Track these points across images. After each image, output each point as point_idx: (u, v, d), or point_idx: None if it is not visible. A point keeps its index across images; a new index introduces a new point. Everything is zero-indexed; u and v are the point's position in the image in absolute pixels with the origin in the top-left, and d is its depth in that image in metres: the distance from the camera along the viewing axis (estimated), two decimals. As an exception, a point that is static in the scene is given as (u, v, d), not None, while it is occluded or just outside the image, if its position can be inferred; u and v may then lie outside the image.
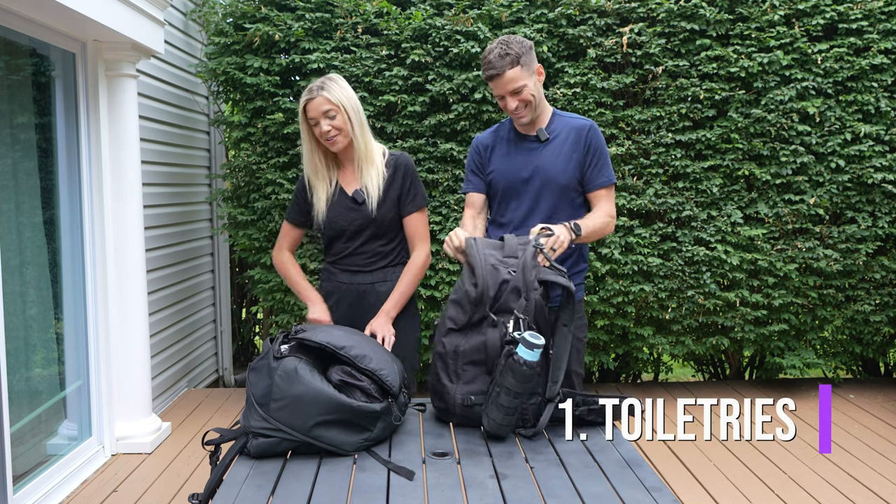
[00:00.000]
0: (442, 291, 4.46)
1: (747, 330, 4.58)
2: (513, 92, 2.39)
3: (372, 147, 2.52)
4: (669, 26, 4.44)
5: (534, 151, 2.50)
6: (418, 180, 2.59)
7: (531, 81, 2.40)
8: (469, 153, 2.63)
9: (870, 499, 3.25)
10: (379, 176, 2.50)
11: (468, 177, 2.62)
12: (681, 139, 4.47)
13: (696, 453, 3.75)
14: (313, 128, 2.46)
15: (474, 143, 2.62)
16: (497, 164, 2.55)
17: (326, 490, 1.64)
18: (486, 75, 2.40)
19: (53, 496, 3.23)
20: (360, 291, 2.56)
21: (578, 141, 2.48)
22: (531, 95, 2.40)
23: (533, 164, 2.49)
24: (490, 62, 2.37)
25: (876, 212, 4.54)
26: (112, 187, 3.73)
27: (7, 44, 3.21)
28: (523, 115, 2.44)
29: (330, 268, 2.63)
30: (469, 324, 1.98)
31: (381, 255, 2.56)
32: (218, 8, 4.60)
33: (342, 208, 2.51)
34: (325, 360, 1.96)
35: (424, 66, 4.42)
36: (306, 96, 2.44)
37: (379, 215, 2.50)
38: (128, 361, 3.81)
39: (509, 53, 2.35)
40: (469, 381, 1.98)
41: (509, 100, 2.41)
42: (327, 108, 2.41)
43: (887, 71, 4.45)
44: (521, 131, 2.54)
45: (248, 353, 6.18)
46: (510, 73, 2.36)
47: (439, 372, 2.02)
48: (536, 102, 2.44)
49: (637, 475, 1.72)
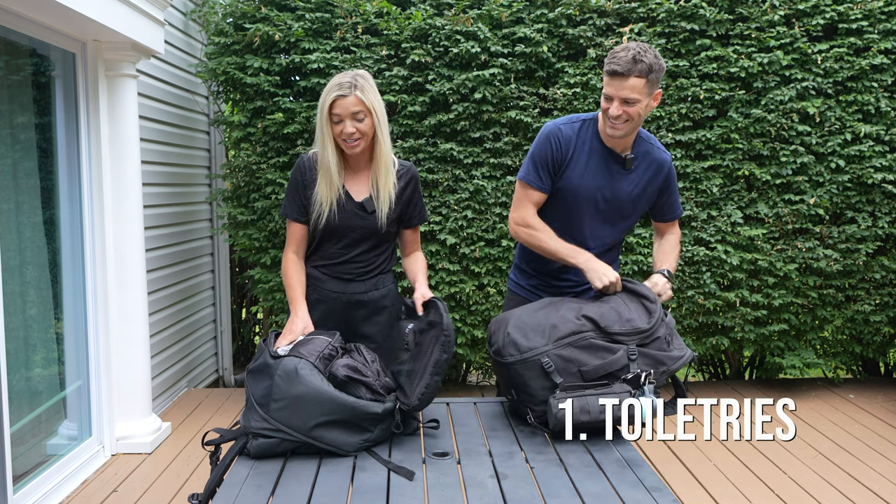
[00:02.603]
0: (442, 291, 4.46)
1: (747, 330, 4.58)
2: (625, 100, 2.20)
3: (391, 156, 2.34)
4: (669, 26, 4.44)
5: (615, 175, 2.36)
6: (422, 193, 2.47)
7: (646, 101, 2.23)
8: (543, 143, 2.36)
9: (870, 499, 3.25)
10: (392, 186, 2.33)
11: (536, 170, 2.37)
12: (681, 139, 4.47)
13: (696, 453, 3.75)
14: (335, 125, 2.23)
15: (552, 134, 2.36)
16: (574, 176, 2.36)
17: (326, 490, 1.64)
18: (608, 69, 2.20)
19: (53, 496, 3.23)
20: (353, 301, 2.40)
21: (657, 177, 2.40)
22: (638, 114, 2.23)
23: (611, 190, 2.37)
24: (619, 59, 2.18)
25: (876, 212, 4.54)
26: (112, 187, 3.73)
27: (7, 44, 3.21)
28: (620, 128, 2.25)
29: (317, 273, 2.40)
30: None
31: (376, 265, 2.43)
32: (218, 8, 4.60)
33: (348, 214, 2.32)
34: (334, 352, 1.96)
35: (424, 66, 4.42)
36: (337, 92, 2.20)
37: (386, 228, 2.35)
38: (128, 361, 3.81)
39: (644, 61, 2.17)
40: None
41: (616, 105, 2.21)
42: (358, 110, 2.20)
43: (887, 71, 4.45)
44: (607, 143, 2.35)
45: (248, 353, 6.18)
46: (634, 81, 2.18)
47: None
48: (637, 123, 2.27)
49: (637, 475, 1.72)
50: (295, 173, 2.35)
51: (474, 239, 4.46)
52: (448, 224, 4.43)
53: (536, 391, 2.04)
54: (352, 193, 2.33)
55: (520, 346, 2.07)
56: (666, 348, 2.08)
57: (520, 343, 2.07)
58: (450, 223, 4.43)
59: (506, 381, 2.16)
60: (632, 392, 1.95)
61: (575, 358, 2.03)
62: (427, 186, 4.48)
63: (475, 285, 4.50)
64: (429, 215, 2.51)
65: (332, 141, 2.25)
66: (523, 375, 2.05)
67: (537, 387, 2.04)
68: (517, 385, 2.09)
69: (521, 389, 2.08)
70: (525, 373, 2.05)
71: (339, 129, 2.23)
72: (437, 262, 4.46)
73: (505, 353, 2.09)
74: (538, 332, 2.08)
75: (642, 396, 1.94)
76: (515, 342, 2.08)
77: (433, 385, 1.97)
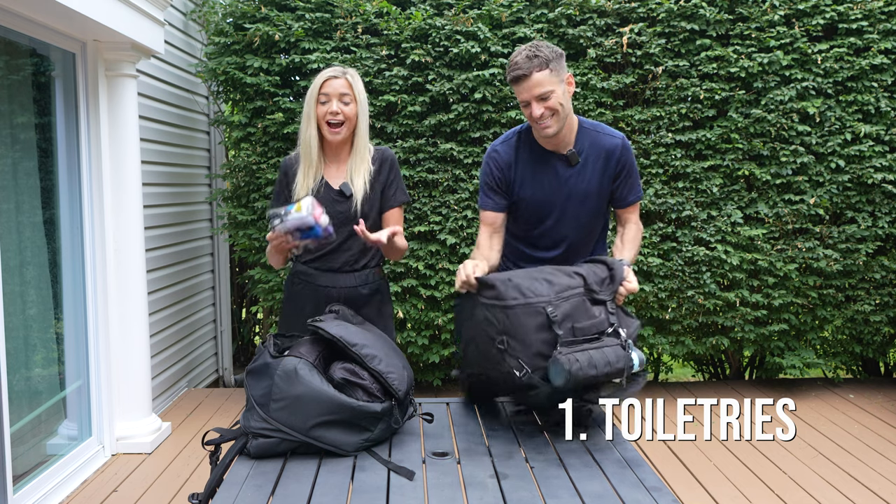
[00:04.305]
0: (442, 291, 4.46)
1: (747, 330, 4.58)
2: (539, 97, 2.20)
3: (367, 146, 2.45)
4: (669, 26, 4.44)
5: (563, 174, 2.36)
6: (401, 176, 2.52)
7: (560, 89, 2.22)
8: (485, 167, 2.43)
9: (870, 499, 3.25)
10: (367, 172, 2.42)
11: (486, 193, 2.42)
12: (681, 139, 4.47)
13: (696, 453, 3.75)
14: (320, 105, 2.36)
15: (491, 157, 2.41)
16: (525, 187, 2.38)
17: (326, 490, 1.64)
18: (511, 77, 2.23)
19: (53, 496, 3.23)
20: (343, 296, 2.43)
21: (608, 164, 2.36)
22: (559, 104, 2.21)
23: (565, 190, 2.35)
24: (517, 63, 2.20)
25: (876, 212, 4.54)
26: (112, 187, 3.73)
27: (7, 44, 3.21)
28: (549, 125, 2.24)
29: (306, 269, 2.47)
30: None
31: (363, 253, 2.45)
32: (218, 8, 4.60)
33: (327, 201, 2.37)
34: (332, 353, 1.96)
35: (424, 66, 4.42)
36: (329, 73, 2.36)
37: (364, 209, 2.41)
38: (128, 361, 3.81)
39: (538, 56, 2.18)
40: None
41: (535, 106, 2.21)
42: (345, 93, 2.35)
43: (887, 71, 4.45)
44: (545, 146, 2.35)
45: (248, 353, 6.18)
46: (538, 76, 2.18)
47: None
48: (564, 113, 2.25)
49: (637, 475, 1.72)
50: (279, 174, 2.50)
51: (474, 239, 4.46)
52: (448, 224, 4.43)
53: (533, 342, 1.90)
54: (331, 183, 2.44)
55: (523, 291, 1.93)
56: (627, 311, 2.09)
57: (524, 287, 1.94)
58: (450, 223, 4.43)
59: (495, 329, 1.94)
60: (623, 345, 1.94)
61: (571, 313, 1.95)
62: (427, 186, 4.48)
63: (475, 285, 4.49)
64: (426, 211, 2.53)
65: (315, 123, 2.39)
66: (524, 324, 1.90)
67: (536, 339, 1.90)
68: (512, 332, 1.91)
69: (517, 337, 1.90)
70: (527, 321, 1.90)
71: (324, 110, 2.36)
72: (437, 262, 4.46)
73: (507, 296, 1.93)
74: (539, 283, 1.98)
75: (631, 350, 1.94)
76: (519, 286, 1.94)
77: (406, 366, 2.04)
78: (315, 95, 2.36)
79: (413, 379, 2.05)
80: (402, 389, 1.93)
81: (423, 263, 4.46)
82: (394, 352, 2.04)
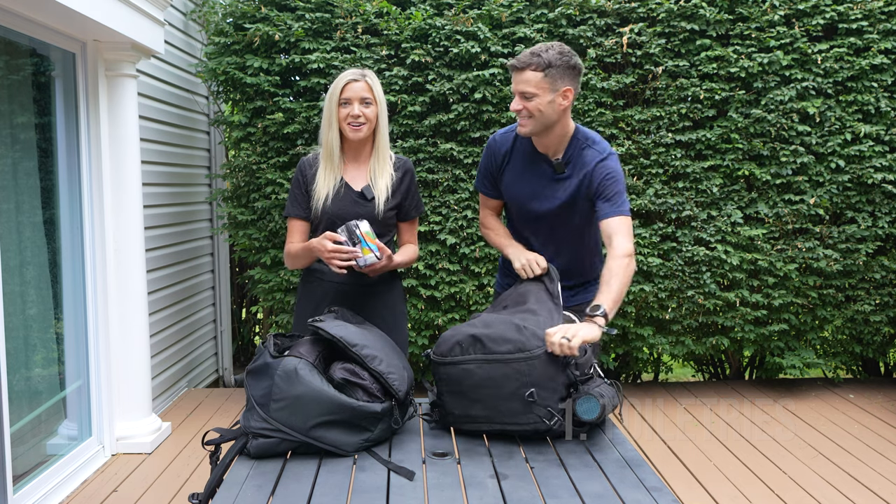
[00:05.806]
0: (442, 291, 4.46)
1: (747, 330, 4.58)
2: (522, 94, 2.23)
3: (388, 149, 2.48)
4: (669, 26, 4.45)
5: (549, 178, 2.37)
6: (418, 188, 2.58)
7: (547, 96, 2.20)
8: (483, 153, 2.49)
9: (870, 499, 3.25)
10: (389, 177, 2.46)
11: (485, 177, 2.50)
12: (681, 139, 4.47)
13: (696, 453, 3.75)
14: (342, 108, 2.39)
15: (489, 144, 2.47)
16: (508, 182, 2.43)
17: (326, 490, 1.64)
18: (509, 64, 2.27)
19: (53, 496, 3.23)
20: (361, 293, 2.46)
21: (585, 180, 2.31)
22: (538, 110, 2.21)
23: (543, 196, 2.37)
24: (521, 54, 2.23)
25: (876, 212, 4.54)
26: (112, 187, 3.73)
27: (7, 44, 3.21)
28: (524, 123, 2.27)
29: (321, 267, 2.47)
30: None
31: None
32: (218, 8, 4.60)
33: (347, 202, 2.42)
34: (332, 353, 1.96)
35: (424, 66, 4.42)
36: (350, 77, 2.39)
37: (384, 215, 2.44)
38: (128, 361, 3.81)
39: (541, 56, 2.19)
40: None
41: (516, 100, 2.25)
42: (367, 96, 2.38)
43: (887, 71, 4.45)
44: (539, 147, 2.37)
45: (248, 353, 6.18)
46: (529, 74, 2.20)
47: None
48: (543, 121, 2.24)
49: (637, 475, 1.72)
50: (296, 174, 2.50)
51: (474, 239, 4.46)
52: (448, 224, 4.43)
53: (558, 386, 1.86)
54: (351, 185, 2.46)
55: (540, 336, 1.88)
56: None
57: (539, 333, 1.89)
58: (450, 223, 4.43)
59: (519, 383, 1.86)
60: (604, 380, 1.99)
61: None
62: (427, 186, 4.48)
63: (475, 285, 4.50)
64: (425, 211, 2.57)
65: (337, 124, 2.41)
66: (548, 372, 1.86)
67: (561, 382, 1.86)
68: (541, 382, 1.85)
69: (545, 386, 1.85)
70: (552, 366, 1.86)
71: (345, 113, 2.39)
72: (438, 262, 4.46)
73: (530, 345, 1.87)
74: (539, 326, 1.94)
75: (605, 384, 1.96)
76: (535, 333, 1.89)
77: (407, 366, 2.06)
78: (336, 99, 2.39)
79: (413, 379, 2.06)
80: (402, 390, 1.93)
81: (423, 263, 4.46)
82: (394, 352, 2.05)
